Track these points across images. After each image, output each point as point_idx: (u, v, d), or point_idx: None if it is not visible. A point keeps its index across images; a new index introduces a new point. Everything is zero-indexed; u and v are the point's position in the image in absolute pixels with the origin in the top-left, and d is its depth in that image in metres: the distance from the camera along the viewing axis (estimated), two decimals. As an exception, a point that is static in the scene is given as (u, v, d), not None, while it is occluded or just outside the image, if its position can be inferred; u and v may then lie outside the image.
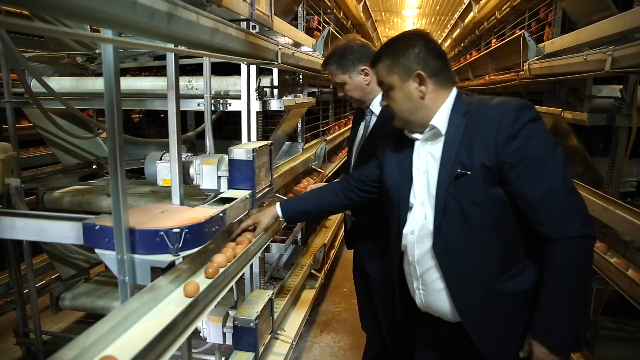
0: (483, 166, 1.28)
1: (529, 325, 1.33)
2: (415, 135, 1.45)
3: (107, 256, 1.24)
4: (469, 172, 1.30)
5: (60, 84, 2.63)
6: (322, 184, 2.33)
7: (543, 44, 2.86)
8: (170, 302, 1.24)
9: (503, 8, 4.49)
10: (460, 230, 1.34)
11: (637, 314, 1.70)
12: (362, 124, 2.14)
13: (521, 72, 3.24)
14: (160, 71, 2.86)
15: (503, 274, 1.33)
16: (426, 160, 1.42)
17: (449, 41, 9.02)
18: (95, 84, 2.59)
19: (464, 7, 6.88)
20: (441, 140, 1.38)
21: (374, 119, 2.06)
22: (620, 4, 2.23)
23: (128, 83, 2.58)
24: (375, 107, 2.03)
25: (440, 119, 1.38)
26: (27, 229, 1.29)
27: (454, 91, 1.41)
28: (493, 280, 1.33)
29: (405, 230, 1.47)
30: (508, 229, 1.33)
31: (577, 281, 1.23)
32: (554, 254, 1.24)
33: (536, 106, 3.09)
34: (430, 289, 1.44)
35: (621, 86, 2.23)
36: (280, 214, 1.81)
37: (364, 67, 1.98)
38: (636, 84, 2.15)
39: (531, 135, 1.25)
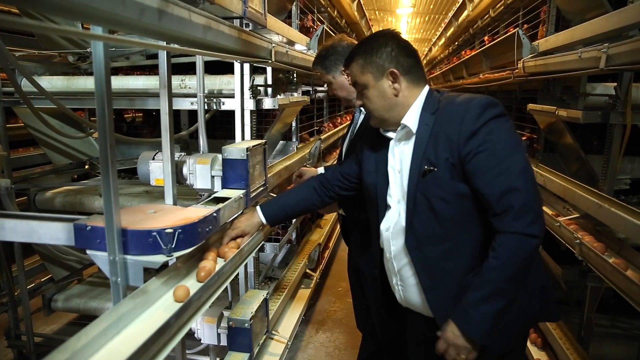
0: (447, 161, 1.31)
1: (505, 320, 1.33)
2: (390, 134, 1.48)
3: (99, 257, 1.22)
4: (435, 169, 1.33)
5: (52, 83, 2.60)
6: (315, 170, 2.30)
7: (537, 41, 2.86)
8: (161, 307, 1.22)
9: (497, 6, 4.49)
10: (430, 226, 1.37)
11: (631, 311, 1.69)
12: (353, 123, 2.14)
13: (515, 70, 3.24)
14: (153, 70, 2.83)
15: (473, 269, 1.33)
16: (400, 159, 1.45)
17: (443, 40, 9.03)
18: (87, 83, 2.56)
19: (457, 5, 6.88)
20: (413, 138, 1.41)
21: (361, 117, 2.07)
22: (614, 2, 2.23)
23: (120, 82, 2.55)
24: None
25: (411, 118, 1.41)
26: (16, 230, 1.27)
27: (426, 89, 1.44)
28: (463, 276, 1.35)
29: (382, 228, 1.51)
30: (478, 225, 1.34)
31: (508, 277, 1.24)
32: (495, 244, 1.25)
33: (530, 104, 3.10)
34: (407, 284, 1.47)
35: (615, 84, 2.23)
36: (264, 221, 1.77)
37: (344, 68, 1.99)
38: (630, 81, 2.15)
39: (492, 132, 1.27)
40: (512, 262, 1.23)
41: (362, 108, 2.05)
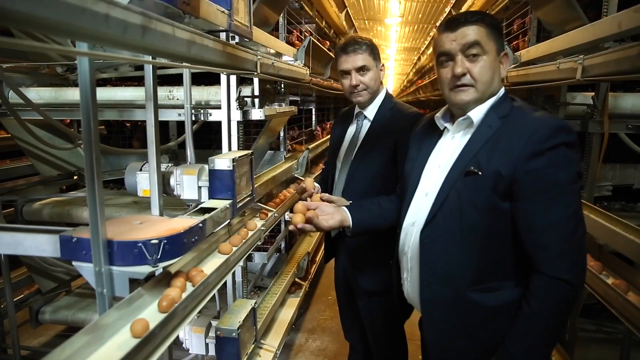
0: (497, 172, 1.25)
1: (485, 342, 1.32)
2: (448, 125, 1.43)
3: (85, 268, 1.23)
4: (480, 173, 1.28)
5: (40, 94, 2.61)
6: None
7: (519, 52, 2.92)
8: (151, 311, 1.23)
9: (482, 17, 4.58)
10: (451, 226, 1.32)
11: (615, 316, 1.70)
12: (351, 130, 2.14)
13: (499, 80, 3.30)
14: (141, 81, 2.85)
15: (476, 283, 1.31)
16: (445, 155, 1.40)
17: (431, 49, 9.15)
18: (75, 94, 2.57)
19: (445, 15, 6.99)
20: (468, 135, 1.35)
21: (366, 125, 2.07)
22: (591, 15, 2.30)
23: (109, 93, 2.57)
24: (370, 112, 2.06)
25: (478, 113, 1.34)
26: (1, 242, 1.28)
27: (502, 90, 1.38)
28: (463, 286, 1.32)
29: (407, 221, 1.47)
30: (497, 244, 1.29)
31: (554, 324, 1.23)
32: (536, 289, 1.23)
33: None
34: (413, 280, 1.45)
35: (593, 93, 2.29)
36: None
37: (382, 64, 2.06)
38: (607, 91, 2.21)
39: (557, 158, 1.20)
40: (555, 309, 1.21)
41: (366, 115, 2.07)
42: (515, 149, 1.23)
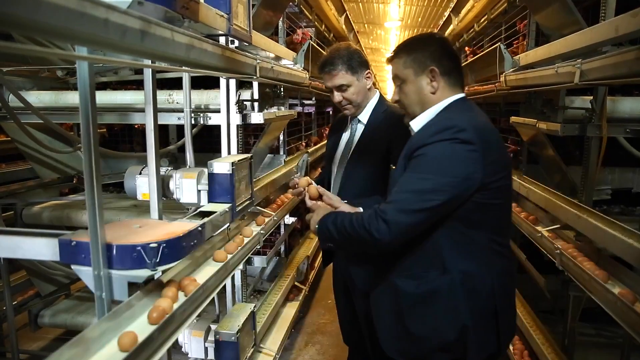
0: (403, 165, 1.42)
1: (413, 328, 1.42)
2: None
3: (84, 272, 1.23)
4: (394, 167, 1.46)
5: (40, 98, 2.62)
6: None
7: (518, 56, 2.92)
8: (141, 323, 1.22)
9: (481, 21, 4.59)
10: None
11: (615, 320, 1.69)
12: (346, 135, 2.15)
13: (498, 84, 3.31)
14: (141, 85, 2.85)
15: (401, 270, 1.44)
16: None
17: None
18: (76, 97, 2.55)
19: (444, 19, 7.01)
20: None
21: (361, 128, 2.08)
22: (589, 19, 2.30)
23: (109, 97, 2.57)
24: (364, 116, 2.07)
25: (421, 120, 1.50)
26: (0, 245, 1.28)
27: (459, 95, 1.49)
28: (389, 271, 1.47)
29: None
30: (419, 235, 1.39)
31: (349, 240, 1.41)
32: (366, 213, 1.40)
33: (513, 117, 3.12)
34: None
35: (591, 97, 2.29)
36: None
37: (367, 71, 2.04)
38: (605, 95, 2.21)
39: (435, 149, 1.33)
40: (360, 231, 1.36)
41: (360, 119, 2.09)
42: (414, 140, 1.42)
